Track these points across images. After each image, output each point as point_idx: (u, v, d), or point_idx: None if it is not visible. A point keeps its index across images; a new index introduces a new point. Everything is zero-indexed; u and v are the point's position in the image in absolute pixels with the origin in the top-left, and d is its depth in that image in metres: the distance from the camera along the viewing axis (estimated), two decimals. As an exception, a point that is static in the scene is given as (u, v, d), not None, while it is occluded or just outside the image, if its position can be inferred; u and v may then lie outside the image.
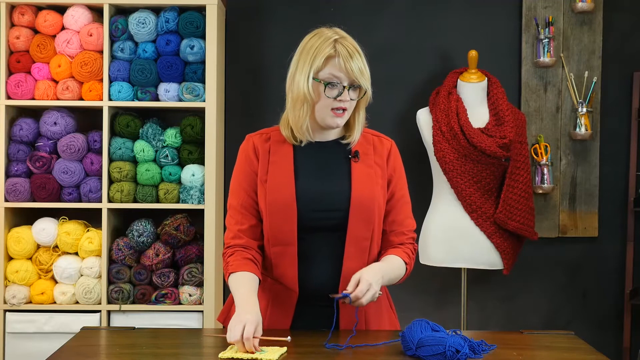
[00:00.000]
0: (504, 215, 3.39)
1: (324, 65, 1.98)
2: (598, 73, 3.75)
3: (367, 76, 2.01)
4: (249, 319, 1.80)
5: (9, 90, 3.42)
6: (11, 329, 3.39)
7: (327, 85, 1.97)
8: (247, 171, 2.07)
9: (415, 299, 3.79)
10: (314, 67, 1.98)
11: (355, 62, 1.97)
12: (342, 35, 2.02)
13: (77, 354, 1.85)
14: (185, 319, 3.42)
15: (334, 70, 1.97)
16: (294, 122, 2.04)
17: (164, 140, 3.45)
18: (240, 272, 1.98)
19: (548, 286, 3.84)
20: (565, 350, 1.91)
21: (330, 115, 2.00)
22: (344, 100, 1.98)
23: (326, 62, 1.98)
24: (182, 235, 3.42)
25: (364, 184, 2.02)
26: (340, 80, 1.98)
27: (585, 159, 3.77)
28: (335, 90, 1.98)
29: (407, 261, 2.07)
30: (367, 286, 1.89)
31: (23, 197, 3.41)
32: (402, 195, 2.11)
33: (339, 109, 1.99)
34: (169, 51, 3.42)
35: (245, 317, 1.81)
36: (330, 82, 1.97)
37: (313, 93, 1.99)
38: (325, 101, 1.98)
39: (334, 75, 1.97)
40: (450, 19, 3.80)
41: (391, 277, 2.02)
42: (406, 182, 2.15)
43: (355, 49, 2.00)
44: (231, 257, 2.03)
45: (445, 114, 3.41)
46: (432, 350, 1.72)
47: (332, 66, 1.97)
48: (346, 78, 1.98)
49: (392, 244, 2.09)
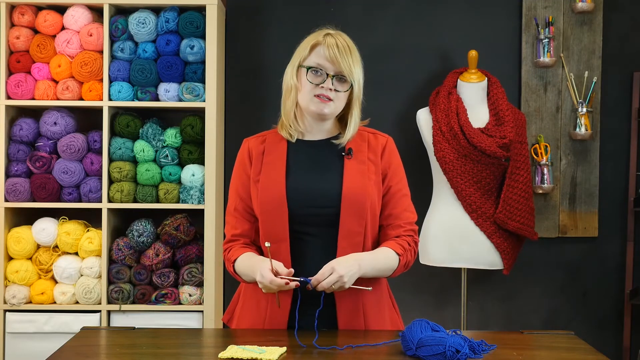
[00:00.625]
0: (504, 215, 3.39)
1: (309, 54, 2.05)
2: (598, 73, 3.75)
3: (356, 72, 2.04)
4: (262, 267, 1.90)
5: (9, 90, 3.42)
6: (11, 329, 3.39)
7: (310, 70, 2.03)
8: (241, 176, 2.13)
9: (415, 299, 3.79)
10: (300, 56, 2.05)
11: (343, 55, 2.01)
12: (340, 33, 2.07)
13: (77, 354, 1.85)
14: (185, 319, 3.42)
15: (319, 59, 2.03)
16: (284, 113, 2.11)
17: (164, 140, 3.45)
18: (241, 255, 2.05)
19: (548, 286, 3.84)
20: (565, 350, 1.91)
21: (315, 102, 2.04)
22: (327, 87, 2.01)
23: (312, 50, 2.05)
24: (182, 235, 3.42)
25: (355, 180, 2.04)
26: (325, 69, 2.02)
27: (585, 159, 3.77)
28: (319, 77, 2.03)
29: (401, 252, 2.05)
30: (336, 278, 1.90)
31: (23, 197, 3.41)
32: (398, 189, 2.12)
33: (322, 96, 2.02)
34: (169, 51, 3.42)
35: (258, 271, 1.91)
36: (313, 68, 2.03)
37: (298, 80, 2.06)
38: (307, 86, 2.03)
39: (318, 64, 2.02)
40: (450, 19, 3.80)
41: (376, 267, 2.01)
42: (404, 177, 2.15)
43: (347, 44, 2.03)
44: (230, 251, 2.10)
45: (445, 114, 3.41)
46: (432, 350, 1.72)
47: (317, 54, 2.03)
48: (332, 68, 2.02)
49: (388, 237, 2.09)
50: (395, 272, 2.07)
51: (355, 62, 2.04)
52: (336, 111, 2.07)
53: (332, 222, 2.02)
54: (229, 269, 2.10)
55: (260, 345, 1.83)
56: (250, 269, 2.00)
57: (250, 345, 1.84)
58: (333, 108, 2.05)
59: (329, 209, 2.01)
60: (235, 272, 2.07)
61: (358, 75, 2.05)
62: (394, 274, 2.08)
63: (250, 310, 2.11)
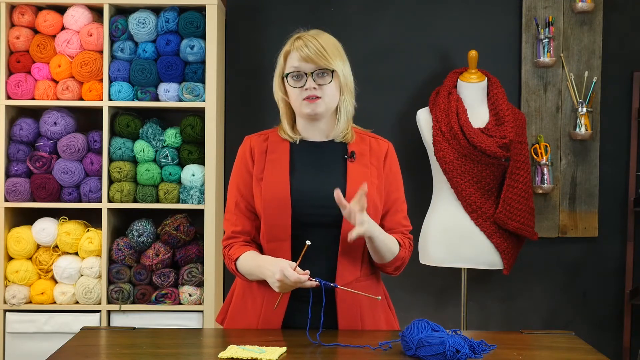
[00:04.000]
0: (504, 215, 3.39)
1: (285, 63, 2.07)
2: (598, 73, 3.75)
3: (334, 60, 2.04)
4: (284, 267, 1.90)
5: (9, 90, 3.42)
6: (11, 329, 3.39)
7: (290, 76, 2.05)
8: (242, 173, 2.12)
9: (415, 299, 3.79)
10: (279, 68, 2.10)
11: (313, 50, 2.02)
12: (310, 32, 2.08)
13: (77, 354, 1.85)
14: (185, 319, 3.42)
15: (294, 62, 2.05)
16: (282, 120, 2.14)
17: (164, 140, 3.45)
18: (244, 253, 2.05)
19: (548, 286, 3.84)
20: (565, 350, 1.91)
21: (305, 104, 2.05)
22: (310, 87, 2.03)
23: (286, 59, 2.07)
24: (182, 235, 3.42)
25: (358, 183, 2.04)
26: (302, 69, 2.04)
27: (585, 159, 3.77)
28: (300, 81, 2.04)
29: (401, 243, 2.09)
30: (362, 216, 1.91)
31: (23, 197, 3.41)
32: (397, 198, 2.14)
33: (310, 97, 2.03)
34: (169, 51, 3.42)
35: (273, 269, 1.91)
36: (291, 73, 2.05)
37: (284, 93, 2.09)
38: (294, 93, 2.06)
39: (294, 67, 2.04)
40: (450, 19, 3.80)
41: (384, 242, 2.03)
42: (402, 185, 2.17)
43: (316, 39, 2.04)
44: (231, 249, 2.10)
45: (445, 114, 3.41)
46: (432, 350, 1.72)
47: (291, 59, 2.06)
48: (308, 66, 2.03)
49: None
50: (392, 262, 2.08)
51: (331, 52, 2.04)
52: (329, 106, 2.07)
53: (334, 223, 2.03)
54: (229, 266, 2.10)
55: (260, 345, 1.83)
56: (257, 268, 2.00)
57: (250, 345, 1.84)
58: (324, 105, 2.05)
59: (331, 211, 2.01)
60: (237, 270, 2.07)
61: (338, 63, 2.05)
62: (389, 264, 2.08)
63: (243, 310, 2.11)
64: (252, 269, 2.02)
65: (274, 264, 1.94)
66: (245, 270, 2.05)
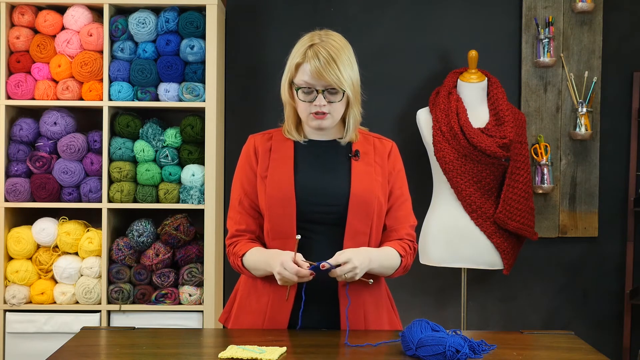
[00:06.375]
0: (504, 215, 3.39)
1: (296, 72, 2.04)
2: (598, 73, 3.75)
3: (346, 78, 2.01)
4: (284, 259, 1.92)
5: (9, 90, 3.42)
6: (11, 329, 3.39)
7: (300, 91, 2.03)
8: (246, 171, 2.12)
9: (415, 299, 3.79)
10: (289, 73, 2.06)
11: (327, 67, 1.98)
12: (323, 39, 2.03)
13: (77, 354, 1.85)
14: (185, 319, 3.42)
15: (305, 76, 2.01)
16: (286, 122, 2.13)
17: (164, 140, 3.45)
18: (251, 249, 2.05)
19: (548, 286, 3.84)
20: (565, 350, 1.91)
21: (311, 119, 2.05)
22: (319, 104, 2.01)
23: (297, 69, 2.04)
24: (182, 235, 3.42)
25: (363, 181, 2.05)
26: (313, 85, 2.01)
27: (585, 159, 3.77)
28: (309, 95, 2.02)
29: (403, 254, 2.09)
30: (351, 268, 1.93)
31: (23, 197, 3.41)
32: (401, 194, 2.14)
33: (317, 113, 2.03)
34: (169, 51, 3.42)
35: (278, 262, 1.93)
36: (302, 88, 2.02)
37: (292, 98, 2.08)
38: (302, 105, 2.04)
39: (306, 82, 2.01)
40: (450, 19, 3.80)
41: (382, 264, 2.04)
42: (406, 182, 2.18)
43: (330, 53, 1.99)
44: (236, 246, 2.09)
45: (445, 114, 3.41)
46: (432, 350, 1.72)
47: (302, 72, 2.02)
48: (319, 83, 2.00)
49: (389, 240, 2.12)
50: (395, 273, 2.10)
51: (343, 68, 2.00)
52: (335, 121, 2.07)
53: (338, 221, 2.03)
54: (235, 263, 2.08)
55: (260, 345, 1.83)
56: (264, 262, 2.00)
57: (250, 345, 1.84)
58: (331, 120, 2.06)
59: (336, 207, 2.02)
60: (244, 266, 2.07)
61: (349, 81, 2.01)
62: (393, 274, 2.10)
63: (248, 310, 2.11)
64: (259, 263, 2.02)
65: (277, 257, 1.95)
66: (252, 266, 2.04)
